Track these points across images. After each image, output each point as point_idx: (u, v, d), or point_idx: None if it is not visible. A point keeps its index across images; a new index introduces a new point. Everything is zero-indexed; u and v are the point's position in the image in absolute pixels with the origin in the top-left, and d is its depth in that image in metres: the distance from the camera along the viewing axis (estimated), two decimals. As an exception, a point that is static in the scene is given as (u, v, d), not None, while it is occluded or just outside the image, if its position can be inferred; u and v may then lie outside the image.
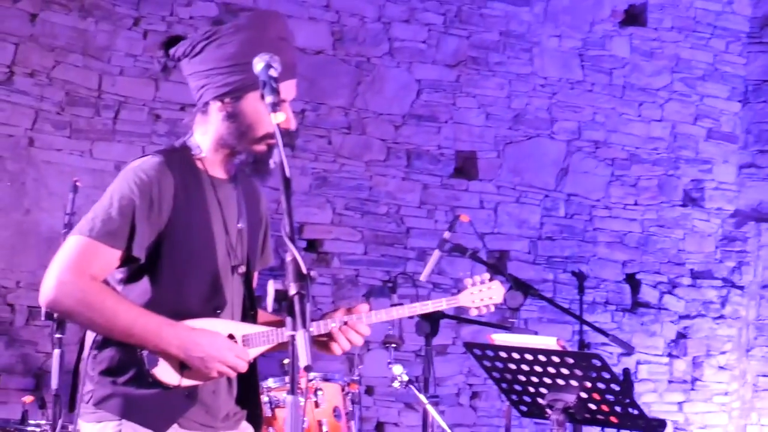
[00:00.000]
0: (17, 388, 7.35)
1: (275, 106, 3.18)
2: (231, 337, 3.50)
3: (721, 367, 9.54)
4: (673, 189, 9.56)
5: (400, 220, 8.61)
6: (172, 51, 3.65)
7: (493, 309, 4.01)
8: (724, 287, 9.65)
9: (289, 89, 3.58)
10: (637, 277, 9.37)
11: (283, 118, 3.16)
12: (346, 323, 3.66)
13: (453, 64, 8.87)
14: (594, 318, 8.75)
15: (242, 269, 3.63)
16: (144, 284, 3.47)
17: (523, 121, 9.07)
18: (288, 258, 2.93)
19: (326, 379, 5.84)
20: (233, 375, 3.49)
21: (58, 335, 4.54)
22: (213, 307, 3.52)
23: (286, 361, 6.25)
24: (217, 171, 3.63)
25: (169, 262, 3.46)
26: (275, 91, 3.22)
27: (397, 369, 5.57)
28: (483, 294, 3.99)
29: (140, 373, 3.42)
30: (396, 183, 8.63)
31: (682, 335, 9.47)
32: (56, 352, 4.51)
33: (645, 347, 9.21)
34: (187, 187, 3.52)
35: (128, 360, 3.42)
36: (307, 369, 2.72)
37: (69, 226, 5.01)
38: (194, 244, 3.50)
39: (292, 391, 2.82)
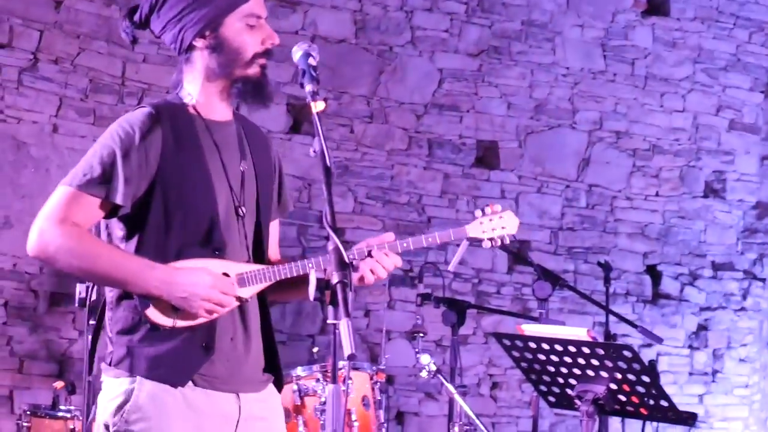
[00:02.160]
0: (41, 373, 7.38)
1: (315, 95, 3.19)
2: (225, 276, 3.43)
3: (741, 360, 9.52)
4: (695, 180, 9.52)
5: (422, 209, 8.60)
6: (136, 16, 3.61)
7: (508, 241, 3.77)
8: (746, 279, 9.62)
9: (261, 4, 3.56)
10: (658, 268, 9.35)
11: (323, 106, 3.16)
12: (369, 254, 3.58)
13: (475, 53, 8.85)
14: (615, 309, 8.66)
15: (243, 210, 3.56)
16: (143, 235, 3.44)
17: (545, 111, 9.05)
18: (330, 246, 2.93)
19: (355, 368, 5.81)
20: (222, 312, 3.41)
21: (91, 321, 4.53)
22: (212, 249, 3.46)
23: (315, 349, 6.27)
24: (213, 114, 3.57)
25: (163, 209, 3.42)
26: (315, 80, 3.22)
27: (425, 359, 5.58)
28: (494, 224, 3.76)
29: (154, 330, 3.40)
30: (417, 172, 8.62)
31: (702, 327, 9.44)
32: (89, 338, 4.50)
33: (666, 339, 9.17)
34: (177, 133, 3.48)
35: (140, 317, 3.41)
36: (351, 358, 2.72)
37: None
38: (189, 189, 3.45)
39: (333, 380, 2.82)
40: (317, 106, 3.16)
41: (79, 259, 3.34)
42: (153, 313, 3.39)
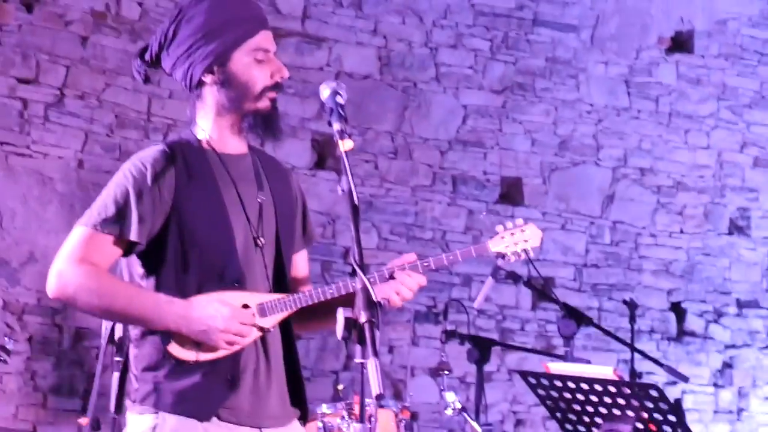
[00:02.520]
0: (65, 408, 7.38)
1: (342, 134, 3.20)
2: (246, 307, 3.43)
3: (766, 398, 9.45)
4: (719, 217, 9.50)
5: (446, 245, 8.60)
6: (147, 55, 3.64)
7: (532, 254, 3.74)
8: (771, 317, 9.58)
9: (269, 39, 3.59)
10: (683, 305, 9.31)
11: (351, 145, 3.17)
12: (392, 276, 3.59)
13: (499, 89, 8.87)
14: (639, 346, 8.62)
15: (262, 241, 3.55)
16: (162, 271, 3.45)
17: (569, 147, 9.05)
18: (358, 286, 2.93)
19: (380, 406, 5.80)
20: (243, 342, 3.40)
21: (117, 358, 4.53)
22: (231, 281, 3.46)
23: (340, 386, 6.26)
24: (227, 147, 3.59)
25: (180, 245, 3.44)
26: (343, 118, 3.23)
27: (450, 396, 5.57)
28: (516, 237, 3.69)
29: (178, 365, 3.40)
30: (441, 208, 8.63)
31: (727, 365, 9.39)
32: (115, 375, 4.50)
33: (691, 377, 9.11)
34: (190, 168, 3.49)
35: (164, 353, 3.42)
36: (379, 398, 2.71)
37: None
38: (205, 222, 3.46)
39: (361, 419, 2.82)
40: (345, 145, 3.16)
41: (98, 298, 3.36)
42: (175, 349, 3.40)
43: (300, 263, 3.79)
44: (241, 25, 3.54)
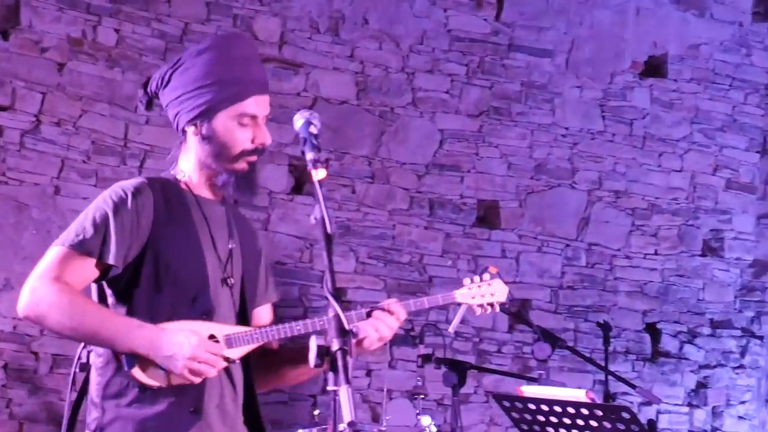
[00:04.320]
0: (41, 436, 7.38)
1: (315, 163, 3.24)
2: (212, 337, 3.46)
3: (740, 417, 9.51)
4: (693, 239, 9.57)
5: (423, 268, 8.64)
6: (148, 88, 3.75)
7: (498, 309, 3.83)
8: (744, 337, 9.63)
9: (261, 104, 3.63)
10: (658, 326, 9.37)
11: (324, 174, 3.22)
12: (369, 314, 3.61)
13: (475, 114, 8.93)
14: (614, 367, 8.72)
15: (231, 281, 3.60)
16: (134, 298, 3.48)
17: (545, 170, 9.11)
18: (330, 314, 2.97)
19: (356, 430, 5.82)
20: (208, 374, 3.41)
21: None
22: (201, 312, 3.50)
23: (316, 412, 6.29)
24: (204, 192, 3.66)
25: (154, 273, 3.47)
26: (316, 148, 3.28)
27: (426, 420, 5.62)
28: (483, 291, 3.80)
29: (142, 393, 3.41)
30: (419, 232, 8.67)
31: (702, 385, 9.45)
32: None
33: (665, 397, 9.17)
34: (169, 203, 3.55)
35: (129, 381, 3.43)
36: (351, 425, 2.75)
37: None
38: (180, 255, 3.51)
39: (335, 446, 2.85)
40: (318, 174, 3.21)
41: (69, 317, 3.35)
42: (139, 373, 3.40)
43: (261, 317, 3.82)
44: (233, 87, 3.59)
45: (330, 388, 2.81)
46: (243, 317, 3.65)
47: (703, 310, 9.53)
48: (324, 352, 2.93)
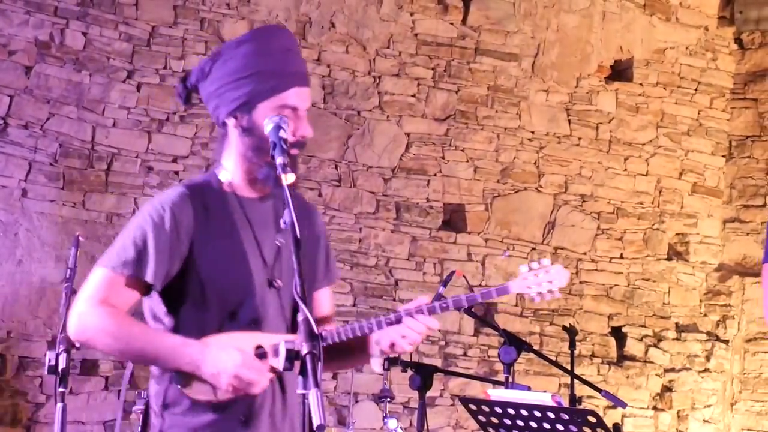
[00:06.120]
0: (7, 438, 7.36)
1: (285, 167, 3.25)
2: (259, 347, 3.45)
3: (705, 421, 9.57)
4: (659, 243, 9.63)
5: (389, 272, 8.66)
6: (188, 82, 3.70)
7: (559, 295, 3.67)
8: (709, 341, 9.70)
9: (301, 96, 3.60)
10: (623, 330, 9.43)
11: (293, 179, 3.23)
12: (398, 321, 3.56)
13: (442, 117, 8.96)
14: (580, 370, 8.78)
15: (278, 283, 3.58)
16: (182, 311, 3.50)
17: (511, 174, 9.15)
18: (299, 318, 2.98)
19: (323, 434, 5.83)
20: (253, 391, 3.41)
21: (61, 389, 4.54)
22: (247, 322, 3.50)
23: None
24: (247, 192, 3.63)
25: (199, 285, 3.48)
26: (285, 152, 3.29)
27: (393, 423, 5.63)
28: (541, 278, 3.64)
29: (194, 403, 3.45)
30: (385, 235, 8.69)
31: (667, 388, 9.51)
32: (59, 405, 4.51)
33: (630, 400, 9.23)
34: (209, 211, 3.54)
35: (182, 391, 3.47)
36: (320, 428, 2.76)
37: (69, 280, 5.03)
38: (222, 264, 3.51)
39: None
40: (288, 179, 3.22)
41: (115, 340, 3.41)
42: (188, 388, 3.45)
43: (322, 301, 3.82)
44: (273, 78, 3.55)
45: (299, 391, 2.82)
46: (296, 317, 3.62)
47: (668, 314, 9.59)
48: (293, 355, 2.94)
